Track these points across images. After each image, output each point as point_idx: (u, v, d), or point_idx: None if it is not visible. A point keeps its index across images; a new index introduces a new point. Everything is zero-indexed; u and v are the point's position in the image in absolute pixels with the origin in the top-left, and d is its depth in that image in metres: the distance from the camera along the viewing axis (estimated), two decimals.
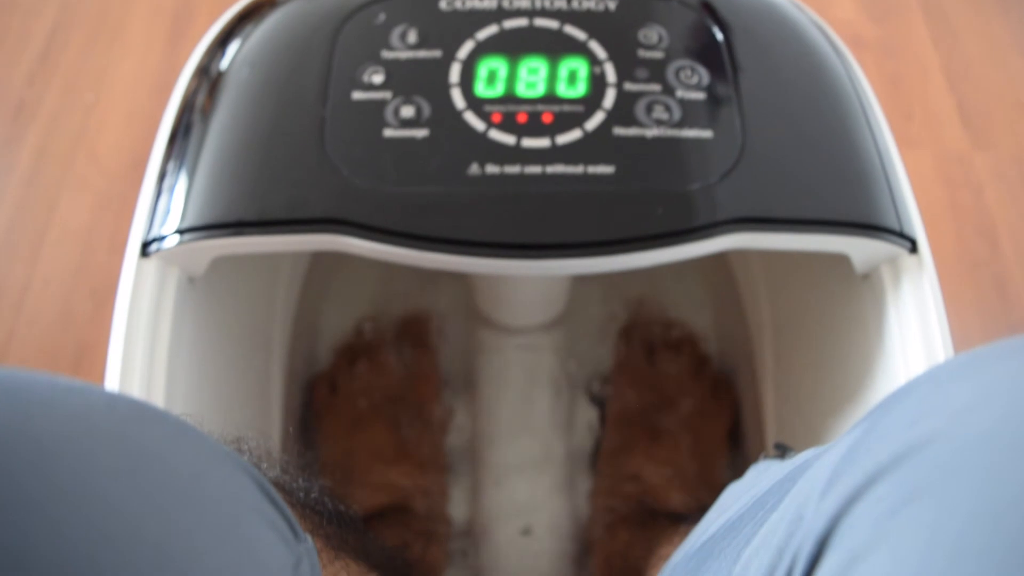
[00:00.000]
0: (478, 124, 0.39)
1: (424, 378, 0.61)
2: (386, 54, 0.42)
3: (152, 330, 0.38)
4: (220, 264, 0.42)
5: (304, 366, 0.62)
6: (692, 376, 0.60)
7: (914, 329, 0.39)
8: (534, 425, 0.59)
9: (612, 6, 0.44)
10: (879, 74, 1.05)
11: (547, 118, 0.40)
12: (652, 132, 0.39)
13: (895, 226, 0.40)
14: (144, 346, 0.38)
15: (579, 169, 0.38)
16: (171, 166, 0.41)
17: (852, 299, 0.45)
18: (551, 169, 0.38)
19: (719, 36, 0.43)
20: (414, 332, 0.62)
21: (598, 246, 0.37)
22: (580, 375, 0.63)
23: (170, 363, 0.39)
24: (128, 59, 1.04)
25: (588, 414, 0.61)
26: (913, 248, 0.40)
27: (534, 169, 0.38)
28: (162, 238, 0.39)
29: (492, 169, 0.38)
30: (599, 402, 0.62)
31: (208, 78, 0.44)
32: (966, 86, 1.06)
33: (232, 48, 0.45)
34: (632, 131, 0.39)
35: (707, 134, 0.40)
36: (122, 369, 0.37)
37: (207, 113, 0.42)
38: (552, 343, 0.60)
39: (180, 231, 0.38)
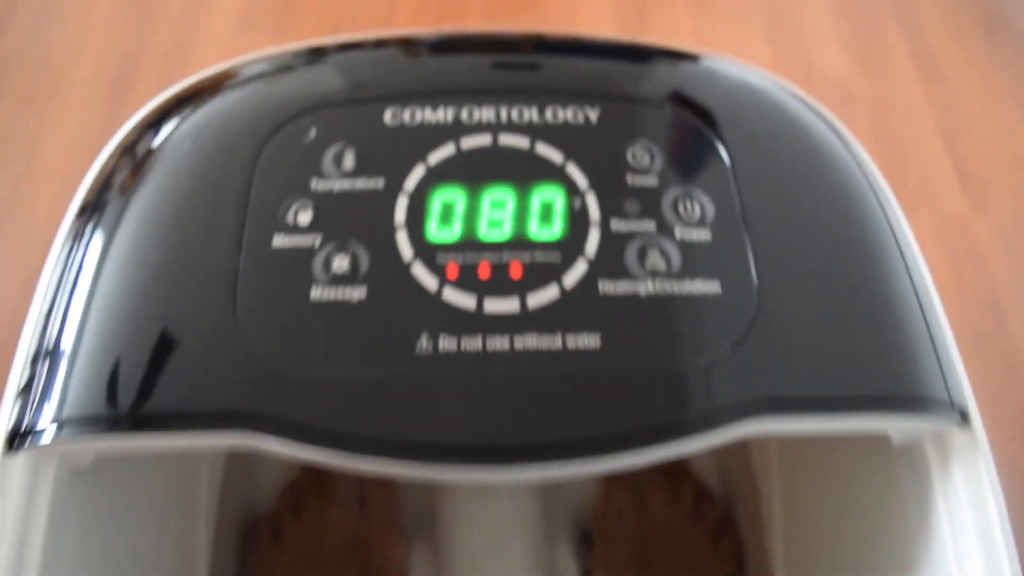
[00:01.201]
0: (429, 281, 0.31)
1: (383, 522, 0.52)
2: (316, 184, 0.34)
3: (19, 545, 0.30)
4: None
5: (239, 510, 0.53)
6: (689, 517, 0.53)
7: (967, 521, 0.32)
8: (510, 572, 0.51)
9: (593, 117, 0.36)
10: (872, 133, 0.99)
11: (516, 271, 0.32)
12: (647, 287, 0.32)
13: (943, 396, 0.32)
14: (11, 562, 0.30)
15: (556, 342, 0.30)
16: (50, 331, 0.32)
17: (885, 468, 0.37)
18: (521, 343, 0.30)
19: (723, 153, 0.36)
20: None
21: (581, 447, 0.29)
22: (562, 517, 0.54)
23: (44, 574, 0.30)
24: (63, 125, 0.95)
25: (570, 564, 0.53)
26: (963, 419, 0.32)
27: (499, 343, 0.30)
28: (34, 432, 0.30)
29: (446, 344, 0.30)
30: (584, 547, 0.54)
31: (98, 210, 0.35)
32: (962, 143, 1.00)
33: (133, 165, 0.37)
34: (622, 286, 0.32)
35: (714, 287, 0.32)
36: None
37: (97, 260, 0.33)
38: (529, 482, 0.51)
39: (57, 422, 0.30)
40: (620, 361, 0.30)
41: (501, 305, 0.31)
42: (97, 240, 0.34)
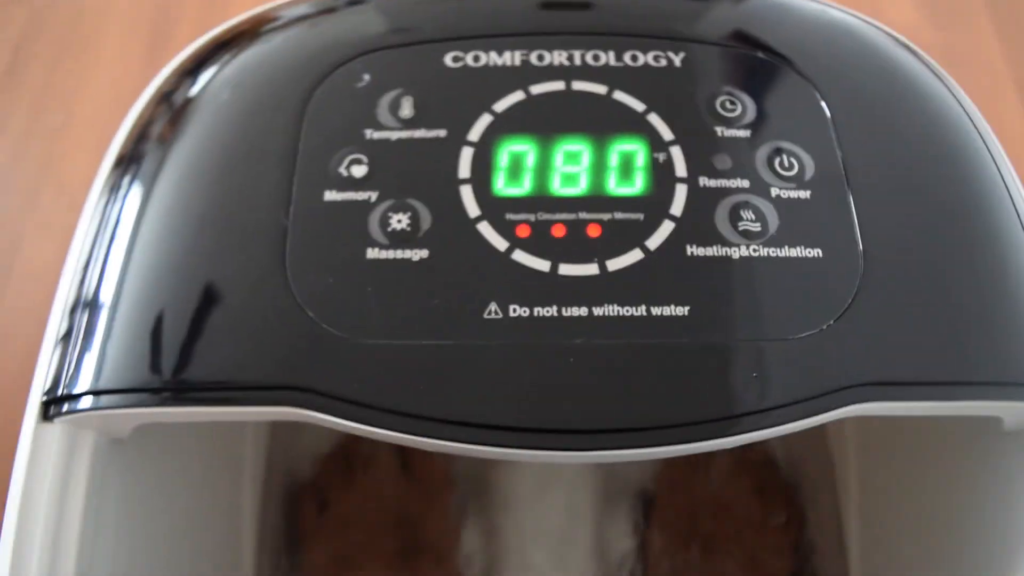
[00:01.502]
0: (498, 241, 0.28)
1: (433, 493, 0.50)
2: (371, 134, 0.30)
3: (56, 518, 0.28)
4: None
5: (285, 475, 0.51)
6: (754, 491, 0.50)
7: None
8: (565, 550, 0.48)
9: (677, 61, 0.32)
10: None
11: (594, 231, 0.28)
12: (740, 251, 0.28)
13: None
14: (45, 540, 0.28)
15: (640, 310, 0.27)
16: (86, 290, 0.30)
17: (990, 451, 0.34)
18: (600, 310, 0.27)
19: (822, 104, 0.32)
20: None
21: (665, 432, 0.26)
22: (621, 487, 0.51)
23: (83, 550, 0.28)
24: (100, 77, 0.93)
25: (626, 538, 0.50)
26: None
27: (577, 311, 0.27)
28: (72, 398, 0.28)
29: (518, 311, 0.27)
30: (642, 519, 0.51)
31: (135, 162, 0.33)
32: None
33: (171, 115, 0.34)
34: (712, 250, 0.28)
35: (815, 252, 0.29)
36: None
37: (134, 218, 0.31)
38: None
39: (95, 392, 0.28)
40: (711, 333, 0.27)
41: (578, 269, 0.28)
42: (134, 197, 0.31)
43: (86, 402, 0.28)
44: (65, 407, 0.28)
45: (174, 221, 0.30)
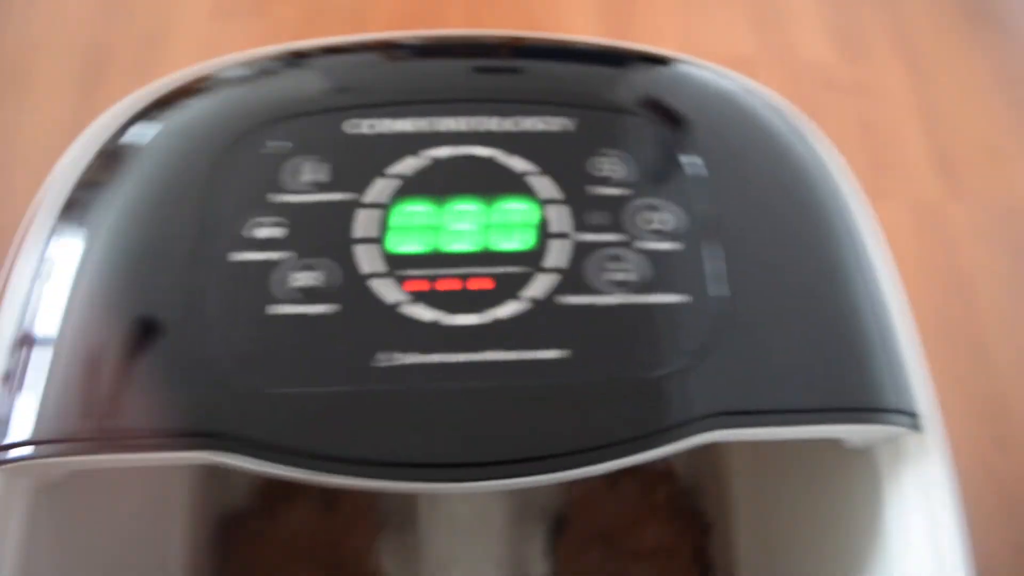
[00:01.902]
0: (389, 294, 0.31)
1: (356, 520, 0.52)
2: (274, 197, 0.33)
3: None
4: None
5: (214, 508, 0.53)
6: (661, 509, 0.53)
7: (917, 520, 0.32)
8: (483, 569, 0.51)
9: (561, 126, 0.36)
10: (854, 119, 0.99)
11: (480, 284, 0.32)
12: (612, 298, 0.32)
13: (894, 403, 0.32)
14: None
15: (520, 355, 0.30)
16: (15, 346, 0.32)
17: (842, 470, 0.37)
18: (484, 356, 0.30)
19: (694, 162, 0.36)
20: None
21: (546, 460, 0.29)
22: (535, 508, 0.55)
23: None
24: (39, 114, 0.94)
25: (540, 558, 0.54)
26: (914, 424, 0.33)
27: (462, 357, 0.30)
28: (8, 447, 0.30)
29: (408, 358, 0.30)
30: (555, 535, 0.54)
31: (66, 216, 0.35)
32: (941, 130, 1.00)
33: (104, 167, 0.36)
34: (587, 299, 0.32)
35: (681, 299, 0.32)
36: None
37: (60, 272, 0.33)
38: None
39: (32, 442, 0.30)
40: (584, 373, 0.30)
41: (464, 319, 0.31)
42: (60, 250, 0.34)
43: (23, 451, 0.30)
44: (3, 455, 0.30)
45: (99, 272, 0.32)
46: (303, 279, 0.31)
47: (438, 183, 0.34)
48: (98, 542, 0.38)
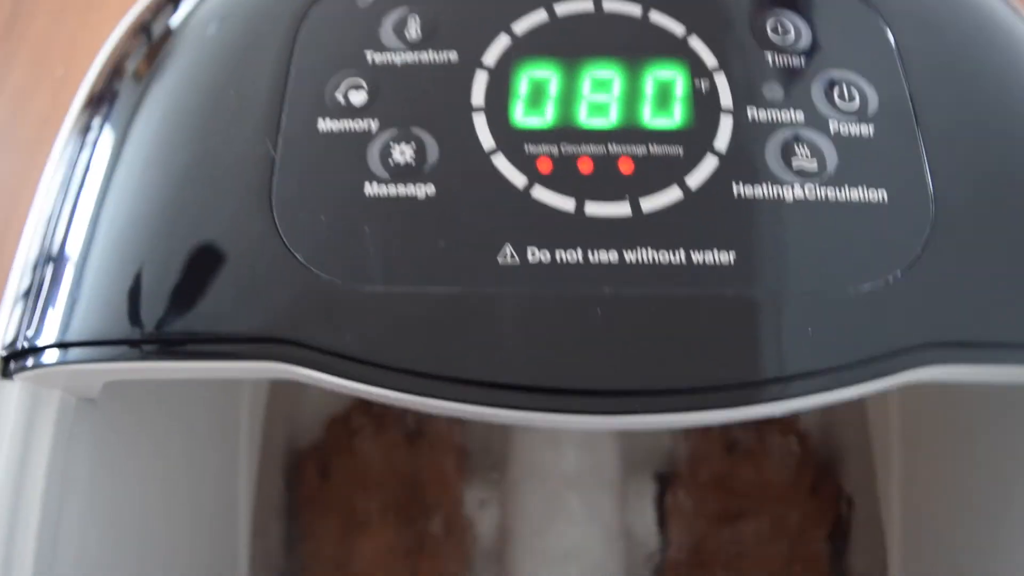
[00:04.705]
0: (515, 176, 0.25)
1: (443, 461, 0.47)
2: (373, 56, 0.27)
3: (14, 487, 0.25)
4: None
5: (284, 439, 0.48)
6: (783, 465, 0.46)
7: None
8: (582, 529, 0.45)
9: None
10: None
11: (626, 166, 0.25)
12: (795, 191, 0.25)
13: None
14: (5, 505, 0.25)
15: (678, 256, 0.23)
16: (54, 239, 0.27)
17: None
18: (633, 256, 0.23)
19: (886, 29, 0.28)
20: None
21: (710, 393, 0.22)
22: (642, 456, 0.48)
23: (46, 522, 0.25)
24: (104, 28, 0.90)
25: (647, 512, 0.47)
26: None
27: (606, 256, 0.23)
28: (33, 351, 0.25)
29: (537, 255, 0.23)
30: (662, 493, 0.48)
31: (107, 100, 0.29)
32: None
33: (150, 42, 0.30)
34: (762, 190, 0.25)
35: (880, 195, 0.25)
36: None
37: (108, 154, 0.27)
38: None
39: (59, 345, 0.24)
40: (759, 284, 0.23)
41: (607, 208, 0.24)
42: (108, 131, 0.28)
43: (49, 356, 0.25)
44: (27, 363, 0.25)
45: (148, 158, 0.27)
46: (407, 153, 0.25)
47: (575, 44, 0.27)
48: (147, 472, 0.33)
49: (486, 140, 0.25)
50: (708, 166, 0.25)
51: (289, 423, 0.48)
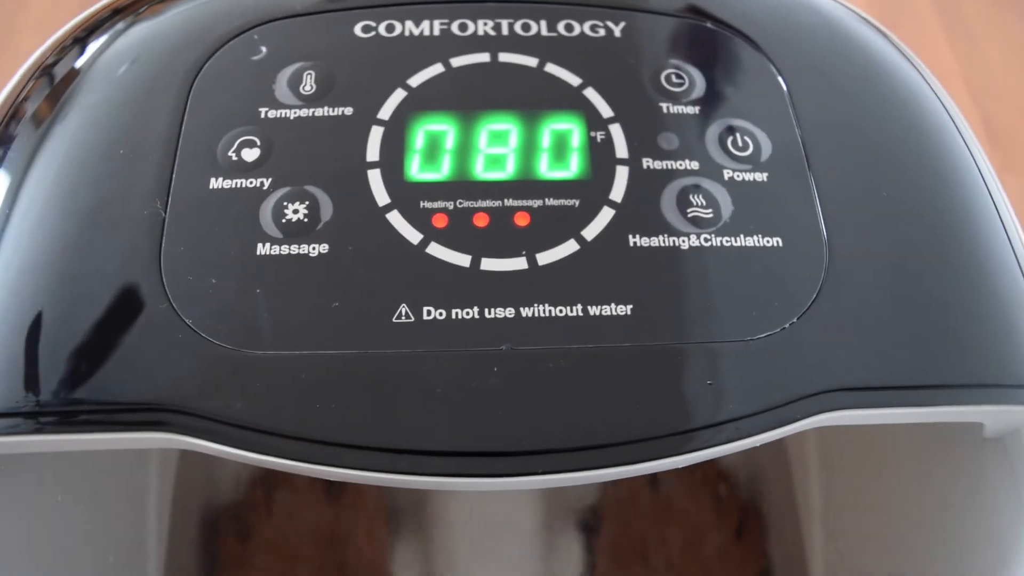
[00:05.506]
0: (410, 233, 0.24)
1: (363, 516, 0.45)
2: (267, 112, 0.26)
3: None
4: None
5: (199, 501, 0.46)
6: (707, 502, 0.46)
7: None
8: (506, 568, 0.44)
9: (617, 31, 0.29)
10: None
11: (522, 219, 0.25)
12: (690, 241, 0.25)
13: None
14: None
15: (575, 311, 0.23)
16: None
17: (967, 460, 0.31)
18: (529, 311, 0.23)
19: (779, 78, 0.29)
20: None
21: (613, 449, 0.22)
22: (565, 502, 0.48)
23: None
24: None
25: (572, 554, 0.47)
26: None
27: (502, 312, 0.23)
28: None
29: (433, 313, 0.23)
30: (587, 534, 0.47)
31: (5, 144, 0.28)
32: (989, 98, 0.93)
33: (49, 92, 0.29)
34: (658, 240, 0.25)
35: (775, 242, 0.25)
36: None
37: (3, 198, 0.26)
38: None
39: None
40: (657, 336, 0.23)
41: (503, 264, 0.24)
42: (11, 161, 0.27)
43: None
44: None
45: (36, 221, 0.25)
46: (300, 211, 0.24)
47: (471, 97, 0.27)
48: (51, 543, 0.32)
49: (381, 196, 0.25)
50: (604, 217, 0.25)
51: (204, 482, 0.46)
